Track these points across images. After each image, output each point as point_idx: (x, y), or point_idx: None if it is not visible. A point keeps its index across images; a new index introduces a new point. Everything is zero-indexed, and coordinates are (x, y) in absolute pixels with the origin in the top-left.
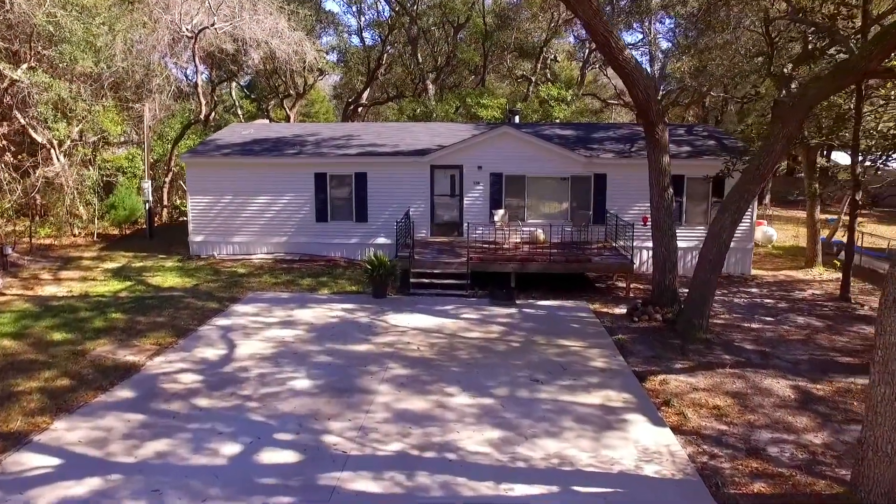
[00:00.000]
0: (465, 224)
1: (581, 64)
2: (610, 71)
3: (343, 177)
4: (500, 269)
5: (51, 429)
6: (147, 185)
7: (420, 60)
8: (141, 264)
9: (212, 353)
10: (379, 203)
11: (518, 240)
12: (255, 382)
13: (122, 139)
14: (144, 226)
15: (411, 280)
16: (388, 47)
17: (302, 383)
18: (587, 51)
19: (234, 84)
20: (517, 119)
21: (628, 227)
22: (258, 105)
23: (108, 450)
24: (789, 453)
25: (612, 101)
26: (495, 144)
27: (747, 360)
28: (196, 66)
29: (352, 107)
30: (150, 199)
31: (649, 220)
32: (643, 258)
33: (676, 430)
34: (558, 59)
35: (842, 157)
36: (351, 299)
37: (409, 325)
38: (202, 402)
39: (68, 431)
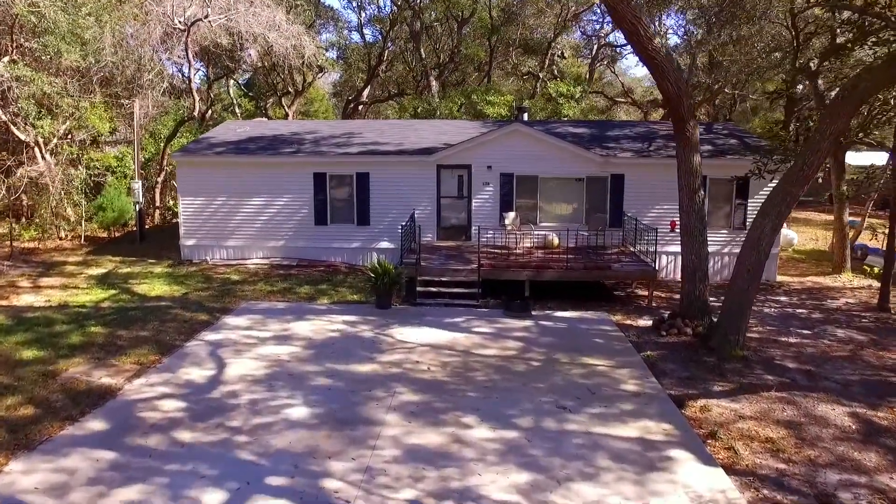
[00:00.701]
0: (475, 227)
1: (589, 60)
2: (617, 68)
3: (343, 177)
4: (514, 276)
5: (4, 471)
6: (137, 185)
7: (423, 56)
8: (128, 270)
9: (198, 374)
10: (382, 205)
11: (530, 244)
12: (246, 411)
13: (112, 137)
14: (135, 228)
15: (418, 289)
16: (390, 44)
17: (299, 412)
18: (595, 47)
19: (231, 82)
20: (525, 116)
21: (650, 231)
22: (256, 103)
23: (69, 499)
24: (866, 501)
25: (619, 100)
26: (505, 143)
27: (792, 381)
28: (189, 60)
29: (352, 105)
30: (141, 200)
31: (678, 225)
32: (662, 263)
33: (729, 469)
34: (565, 55)
35: (851, 157)
36: (353, 310)
37: (418, 340)
38: (184, 435)
39: (25, 475)
